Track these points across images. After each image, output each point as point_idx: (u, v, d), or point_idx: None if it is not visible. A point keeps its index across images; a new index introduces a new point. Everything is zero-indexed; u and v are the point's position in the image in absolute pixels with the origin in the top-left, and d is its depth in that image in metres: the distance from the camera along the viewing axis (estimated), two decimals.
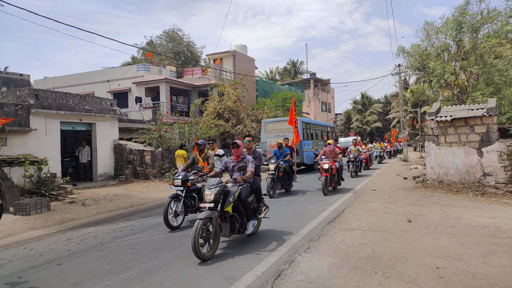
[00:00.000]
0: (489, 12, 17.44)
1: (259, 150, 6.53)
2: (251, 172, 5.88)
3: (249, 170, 5.90)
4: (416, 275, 4.28)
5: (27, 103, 12.89)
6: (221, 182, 5.40)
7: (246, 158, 6.07)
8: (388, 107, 62.27)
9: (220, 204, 5.32)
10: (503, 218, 7.04)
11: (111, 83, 28.86)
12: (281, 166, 11.08)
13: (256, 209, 6.14)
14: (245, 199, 5.70)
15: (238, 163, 6.05)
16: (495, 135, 10.69)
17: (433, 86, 19.97)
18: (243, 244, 5.89)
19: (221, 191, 5.30)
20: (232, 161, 6.18)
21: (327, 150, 11.59)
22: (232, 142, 6.11)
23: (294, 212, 8.49)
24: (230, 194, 5.46)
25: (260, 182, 6.37)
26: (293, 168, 11.95)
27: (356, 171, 16.73)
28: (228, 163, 6.21)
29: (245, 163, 6.02)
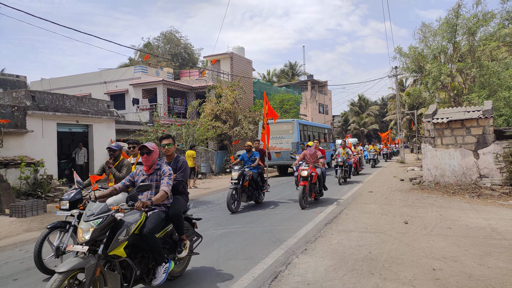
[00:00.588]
0: (484, 15, 17.56)
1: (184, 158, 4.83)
2: (164, 193, 4.02)
3: (162, 189, 4.04)
4: (413, 276, 4.29)
5: (24, 104, 12.85)
6: (107, 211, 3.53)
7: (162, 170, 4.24)
8: (385, 109, 62.50)
9: (103, 244, 3.45)
10: (499, 220, 7.08)
11: (108, 85, 28.79)
12: (247, 173, 9.29)
13: (176, 243, 4.35)
14: (151, 234, 3.78)
15: (150, 177, 4.25)
16: (491, 137, 10.74)
17: (430, 88, 20.07)
18: (240, 246, 5.88)
19: (105, 225, 3.44)
20: (142, 173, 4.32)
21: (308, 153, 10.02)
22: (140, 146, 4.27)
23: (291, 214, 8.49)
24: (123, 228, 3.59)
25: (185, 203, 4.54)
26: (263, 175, 10.20)
27: (345, 177, 14.75)
28: (136, 176, 4.33)
29: (156, 178, 4.23)
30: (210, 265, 4.95)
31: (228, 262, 5.05)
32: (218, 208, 9.77)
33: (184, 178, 4.60)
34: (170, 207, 4.25)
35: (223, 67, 30.68)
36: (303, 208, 8.86)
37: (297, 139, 18.72)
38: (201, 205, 10.43)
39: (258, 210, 9.13)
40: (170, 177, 4.18)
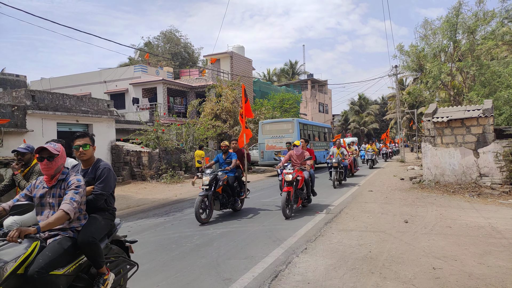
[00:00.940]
0: (485, 14, 17.55)
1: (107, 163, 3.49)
2: (61, 214, 2.82)
3: (61, 208, 2.86)
4: (413, 275, 4.29)
5: (24, 104, 12.85)
6: None
7: (67, 182, 3.06)
8: (385, 108, 62.48)
9: None
10: (499, 219, 7.08)
11: (108, 84, 28.80)
12: (220, 178, 8.11)
13: None
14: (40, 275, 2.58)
15: (51, 190, 3.08)
16: (491, 136, 10.74)
17: (430, 87, 20.07)
18: (240, 246, 5.89)
19: None
20: (42, 185, 3.14)
21: (294, 154, 8.79)
22: (39, 148, 3.09)
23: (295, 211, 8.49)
24: None
25: (105, 224, 3.31)
26: (242, 180, 9.06)
27: (340, 179, 13.38)
28: (35, 189, 3.14)
29: (59, 193, 3.05)
30: (210, 264, 4.96)
31: (228, 261, 5.05)
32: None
33: (105, 191, 3.34)
34: (81, 232, 3.03)
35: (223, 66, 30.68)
36: (287, 217, 7.67)
37: (297, 138, 18.71)
38: None
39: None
40: (76, 191, 3.00)
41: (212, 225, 7.54)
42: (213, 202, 7.98)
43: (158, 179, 16.63)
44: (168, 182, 16.02)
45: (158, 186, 15.12)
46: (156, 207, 10.38)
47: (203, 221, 7.48)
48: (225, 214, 8.71)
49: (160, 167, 17.31)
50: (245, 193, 9.11)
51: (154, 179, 16.63)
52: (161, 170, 17.20)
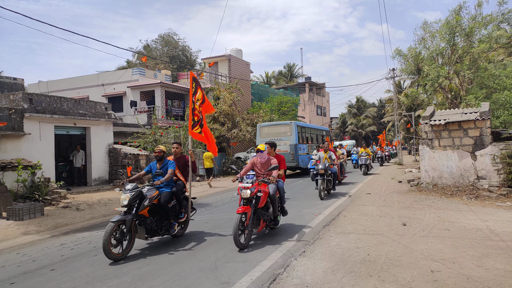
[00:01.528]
0: (483, 17, 17.67)
1: None
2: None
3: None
4: (411, 278, 4.29)
5: (21, 107, 12.81)
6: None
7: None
8: (382, 110, 62.64)
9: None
10: (497, 221, 7.10)
11: (106, 87, 28.77)
12: (147, 195, 5.93)
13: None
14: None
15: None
16: (488, 138, 10.78)
17: (427, 89, 20.15)
18: (238, 249, 5.87)
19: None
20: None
21: (258, 162, 6.90)
22: None
23: (289, 216, 8.48)
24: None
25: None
26: (181, 197, 6.71)
27: (329, 188, 11.49)
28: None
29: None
30: (208, 268, 4.94)
31: (226, 265, 5.04)
32: (216, 211, 9.76)
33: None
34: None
35: (221, 69, 30.72)
36: (241, 248, 5.65)
37: (295, 141, 18.75)
38: (199, 207, 10.41)
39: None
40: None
41: (210, 228, 7.51)
42: (136, 229, 5.78)
43: None
44: None
45: None
46: None
47: (114, 257, 5.35)
48: (223, 217, 8.66)
49: None
50: (187, 214, 6.89)
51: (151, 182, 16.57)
52: None
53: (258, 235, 6.70)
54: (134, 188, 5.83)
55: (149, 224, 6.03)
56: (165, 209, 6.23)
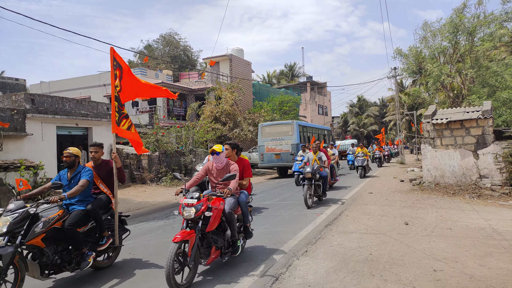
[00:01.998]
0: (486, 16, 17.61)
1: None
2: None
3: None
4: (414, 278, 4.28)
5: (23, 107, 12.85)
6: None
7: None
8: (384, 109, 62.57)
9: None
10: (499, 220, 7.08)
11: (108, 87, 28.81)
12: (42, 217, 4.30)
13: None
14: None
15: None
16: (491, 137, 10.75)
17: (430, 88, 20.11)
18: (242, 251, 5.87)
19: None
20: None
21: (214, 167, 5.42)
22: None
23: (292, 215, 8.49)
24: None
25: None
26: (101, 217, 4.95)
27: (319, 194, 9.93)
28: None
29: None
30: (210, 268, 4.94)
31: (228, 265, 5.04)
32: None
33: None
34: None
35: (222, 69, 30.73)
36: None
37: (296, 141, 18.74)
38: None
39: None
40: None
41: None
42: (25, 265, 4.05)
43: (158, 182, 16.62)
44: (168, 185, 16.01)
45: (158, 189, 15.10)
46: (156, 210, 10.37)
47: None
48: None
49: (159, 170, 17.29)
50: (115, 238, 5.15)
51: (154, 182, 16.61)
52: (161, 173, 17.19)
53: (261, 235, 6.69)
54: (18, 208, 4.14)
55: (48, 258, 4.23)
56: (72, 235, 4.43)
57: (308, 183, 9.41)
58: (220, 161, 5.32)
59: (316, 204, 9.73)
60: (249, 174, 5.74)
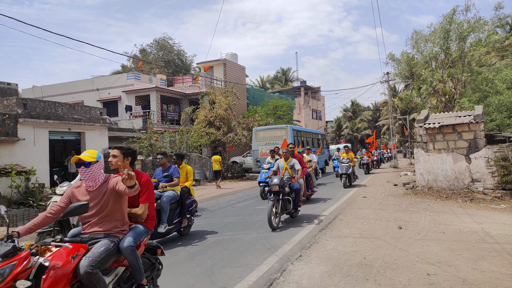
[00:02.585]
0: (476, 21, 17.89)
1: None
2: None
3: None
4: (407, 282, 4.29)
5: (15, 112, 12.73)
6: None
7: None
8: (377, 114, 62.99)
9: None
10: (492, 224, 7.13)
11: (101, 92, 28.68)
12: None
13: None
14: None
15: None
16: (482, 141, 10.86)
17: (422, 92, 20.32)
18: (235, 253, 5.85)
19: None
20: None
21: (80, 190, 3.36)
22: None
23: (285, 221, 8.47)
24: None
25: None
26: None
27: (288, 211, 8.05)
28: None
29: None
30: (204, 273, 4.91)
31: (222, 270, 5.01)
32: (213, 215, 9.72)
33: None
34: None
35: (217, 74, 30.74)
36: None
37: None
38: None
39: None
40: None
41: (206, 232, 7.48)
42: None
43: None
44: None
45: None
46: None
47: None
48: (220, 222, 8.57)
49: None
50: None
51: None
52: None
53: (255, 240, 6.67)
54: None
55: None
56: None
57: (275, 198, 7.50)
58: (92, 177, 3.35)
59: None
60: (149, 197, 3.65)
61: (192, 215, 7.37)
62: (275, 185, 7.61)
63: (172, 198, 6.58)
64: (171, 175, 6.75)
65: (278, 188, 7.57)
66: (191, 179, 7.46)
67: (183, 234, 7.24)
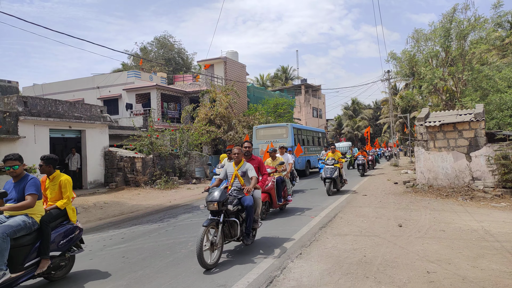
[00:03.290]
0: (476, 19, 17.86)
1: None
2: None
3: None
4: (407, 279, 4.30)
5: (16, 110, 12.74)
6: None
7: None
8: (378, 112, 62.96)
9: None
10: (492, 222, 7.14)
11: (101, 90, 28.67)
12: None
13: None
14: None
15: None
16: (483, 140, 10.85)
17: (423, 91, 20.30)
18: (235, 251, 5.86)
19: None
20: None
21: None
22: None
23: (286, 218, 8.48)
24: None
25: None
26: None
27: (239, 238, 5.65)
28: None
29: None
30: (204, 271, 4.92)
31: (222, 267, 5.02)
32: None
33: None
34: None
35: (217, 72, 30.72)
36: None
37: (291, 143, 18.77)
38: (195, 210, 10.40)
39: None
40: None
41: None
42: None
43: (152, 185, 16.54)
44: (162, 188, 15.93)
45: (152, 192, 15.02)
46: (150, 213, 10.31)
47: None
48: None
49: (154, 173, 17.21)
50: None
51: (148, 185, 16.52)
52: (155, 176, 17.11)
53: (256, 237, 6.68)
54: None
55: None
56: None
57: (209, 222, 5.14)
58: None
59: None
60: None
61: (69, 250, 4.91)
62: (212, 202, 5.19)
63: (18, 228, 4.21)
64: (23, 189, 4.49)
65: (217, 205, 5.19)
66: (68, 195, 4.93)
67: (53, 279, 4.79)
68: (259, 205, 6.02)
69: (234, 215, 5.57)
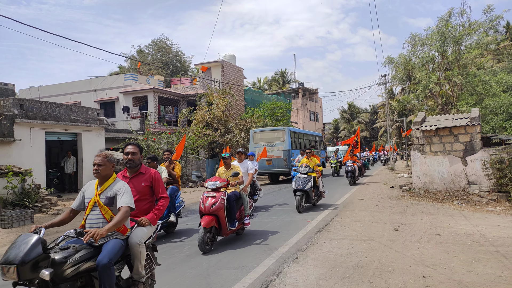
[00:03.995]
0: (471, 24, 18.01)
1: None
2: None
3: None
4: (403, 284, 4.30)
5: (12, 113, 12.68)
6: None
7: None
8: (375, 116, 63.19)
9: None
10: (487, 226, 7.16)
11: (98, 93, 28.61)
12: None
13: None
14: None
15: None
16: (479, 144, 10.91)
17: (419, 95, 20.40)
18: (231, 255, 5.85)
19: None
20: None
21: None
22: None
23: (282, 222, 8.48)
24: None
25: None
26: None
27: None
28: None
29: None
30: (200, 275, 4.91)
31: (218, 272, 5.01)
32: None
33: None
34: None
35: (214, 75, 30.73)
36: None
37: (288, 147, 18.79)
38: (193, 213, 10.37)
39: None
40: None
41: None
42: None
43: None
44: None
45: None
46: None
47: None
48: None
49: None
50: None
51: None
52: None
53: (252, 242, 6.66)
54: None
55: None
56: None
57: None
58: None
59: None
60: None
61: None
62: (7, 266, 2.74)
63: None
64: None
65: None
66: None
67: None
68: None
69: None
